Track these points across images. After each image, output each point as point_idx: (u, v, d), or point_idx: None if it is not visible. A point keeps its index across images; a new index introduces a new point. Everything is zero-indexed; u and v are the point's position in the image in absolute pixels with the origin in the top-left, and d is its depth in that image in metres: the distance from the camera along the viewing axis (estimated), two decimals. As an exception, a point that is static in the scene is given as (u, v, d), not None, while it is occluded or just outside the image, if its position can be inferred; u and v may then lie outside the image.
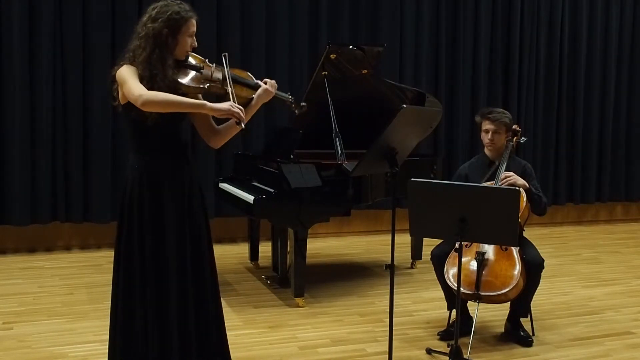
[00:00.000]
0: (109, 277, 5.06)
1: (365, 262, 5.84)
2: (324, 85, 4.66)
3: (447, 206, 3.19)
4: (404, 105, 3.27)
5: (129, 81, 2.69)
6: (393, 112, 3.20)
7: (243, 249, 6.00)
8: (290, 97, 3.05)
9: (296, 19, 6.53)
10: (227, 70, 2.85)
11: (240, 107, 2.76)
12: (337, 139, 4.45)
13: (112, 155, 6.02)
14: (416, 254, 5.52)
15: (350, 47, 4.90)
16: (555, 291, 4.97)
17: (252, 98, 2.89)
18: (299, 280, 4.46)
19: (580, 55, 7.61)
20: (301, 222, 4.40)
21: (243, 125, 2.78)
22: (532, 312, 3.97)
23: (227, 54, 2.89)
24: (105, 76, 5.72)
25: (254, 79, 2.96)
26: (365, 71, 4.96)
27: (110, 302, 2.95)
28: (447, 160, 6.80)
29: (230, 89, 2.82)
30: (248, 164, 5.14)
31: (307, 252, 4.47)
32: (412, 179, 3.25)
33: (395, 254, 3.34)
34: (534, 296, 3.86)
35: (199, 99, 2.81)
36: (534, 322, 3.99)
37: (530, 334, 3.92)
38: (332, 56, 4.68)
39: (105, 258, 5.76)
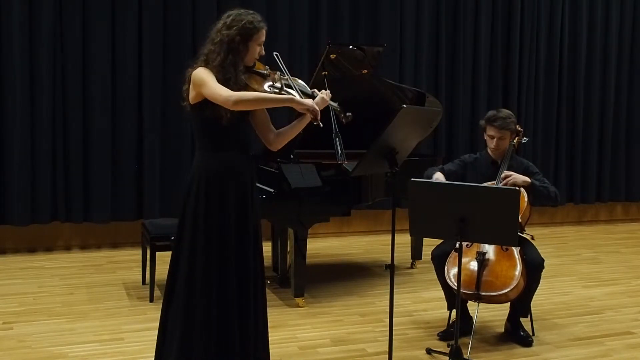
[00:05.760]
0: (109, 277, 5.16)
1: (365, 262, 5.84)
2: (324, 85, 4.65)
3: (447, 206, 3.19)
4: (404, 105, 3.27)
5: (211, 83, 2.84)
6: (393, 112, 3.20)
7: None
8: (338, 106, 3.14)
9: (296, 19, 6.53)
10: (289, 76, 3.04)
11: (316, 107, 2.93)
12: (337, 139, 4.41)
13: (112, 155, 6.02)
14: (416, 254, 5.51)
15: (350, 47, 4.89)
16: (555, 291, 4.97)
17: None
18: (299, 280, 4.46)
19: (580, 55, 7.60)
20: (301, 222, 4.40)
21: (321, 124, 2.96)
22: (532, 312, 3.97)
23: (278, 53, 3.06)
24: (105, 74, 5.91)
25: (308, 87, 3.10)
26: (365, 71, 4.95)
27: (164, 300, 3.02)
28: (447, 160, 6.78)
29: (296, 94, 2.98)
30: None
31: (307, 252, 4.47)
32: (412, 179, 3.25)
33: (395, 254, 3.34)
34: (534, 296, 3.86)
35: None
36: (534, 322, 3.99)
37: (530, 334, 3.92)
38: (332, 56, 4.67)
39: (105, 258, 5.76)
